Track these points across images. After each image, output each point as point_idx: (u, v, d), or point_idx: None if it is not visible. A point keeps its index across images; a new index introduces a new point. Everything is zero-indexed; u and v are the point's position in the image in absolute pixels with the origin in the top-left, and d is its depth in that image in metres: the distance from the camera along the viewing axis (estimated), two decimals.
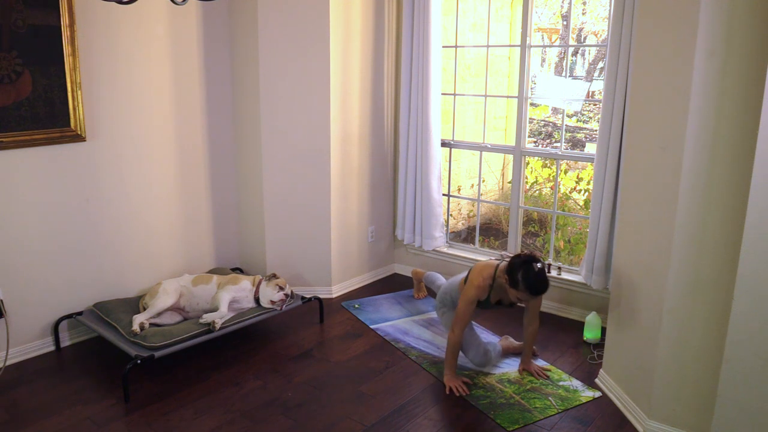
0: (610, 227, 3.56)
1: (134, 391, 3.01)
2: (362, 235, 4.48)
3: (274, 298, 3.50)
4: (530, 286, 2.83)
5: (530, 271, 2.82)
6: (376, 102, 4.36)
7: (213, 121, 4.04)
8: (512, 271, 2.87)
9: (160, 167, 3.79)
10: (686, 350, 2.54)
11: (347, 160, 4.22)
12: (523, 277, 2.82)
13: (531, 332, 3.23)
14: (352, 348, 3.54)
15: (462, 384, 3.08)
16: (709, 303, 2.44)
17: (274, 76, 3.94)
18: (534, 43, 5.36)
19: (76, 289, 3.48)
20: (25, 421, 2.79)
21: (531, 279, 2.82)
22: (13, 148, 3.12)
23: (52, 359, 3.35)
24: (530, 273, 2.82)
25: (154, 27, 3.61)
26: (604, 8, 6.76)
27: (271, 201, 4.12)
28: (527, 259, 2.87)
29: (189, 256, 4.04)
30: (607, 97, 3.45)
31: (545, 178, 6.02)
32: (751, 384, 2.27)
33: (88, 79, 3.35)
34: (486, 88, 4.55)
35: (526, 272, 2.82)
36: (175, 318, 3.40)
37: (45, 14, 3.11)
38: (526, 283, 2.82)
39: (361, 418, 2.84)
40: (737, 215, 2.26)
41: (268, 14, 3.85)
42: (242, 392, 3.05)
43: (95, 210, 3.50)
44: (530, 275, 2.82)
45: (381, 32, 4.28)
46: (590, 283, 3.73)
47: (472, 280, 3.10)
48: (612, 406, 2.96)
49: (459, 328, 3.08)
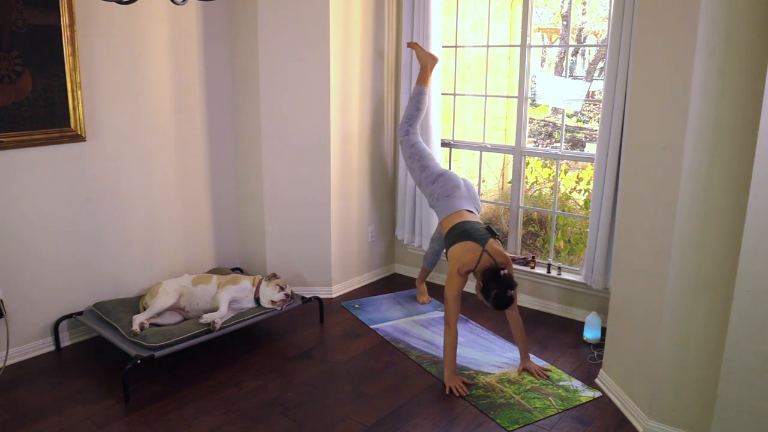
0: (610, 227, 3.56)
1: (134, 391, 3.01)
2: (362, 235, 4.48)
3: (274, 298, 3.50)
4: (496, 305, 3.05)
5: (502, 295, 3.00)
6: (376, 102, 4.36)
7: (213, 121, 4.04)
8: (487, 285, 3.03)
9: (160, 167, 3.79)
10: (686, 350, 2.54)
11: (347, 160, 4.21)
12: (494, 296, 3.01)
13: (515, 323, 3.24)
14: (352, 348, 3.54)
15: (462, 384, 3.08)
16: (709, 303, 2.44)
17: (274, 76, 3.94)
18: (534, 43, 5.36)
19: (76, 289, 3.48)
20: (25, 421, 2.79)
21: (498, 301, 3.02)
22: (13, 148, 3.12)
23: (52, 359, 3.35)
24: (501, 296, 3.01)
25: (154, 27, 3.61)
26: (604, 8, 6.76)
27: (271, 201, 4.12)
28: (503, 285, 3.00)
29: (189, 256, 4.04)
30: (607, 97, 3.45)
31: (545, 178, 6.02)
32: (751, 384, 2.27)
33: (88, 79, 3.35)
34: (486, 88, 4.55)
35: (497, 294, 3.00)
36: (175, 318, 3.40)
37: (45, 14, 3.11)
38: (494, 302, 3.03)
39: (361, 418, 2.84)
40: (737, 215, 2.26)
41: (268, 14, 3.85)
42: (242, 392, 3.05)
43: (95, 210, 3.50)
44: (499, 298, 3.01)
45: (381, 32, 4.28)
46: (590, 283, 3.73)
47: (454, 273, 3.13)
48: (612, 406, 2.95)
49: (453, 322, 3.11)
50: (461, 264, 3.14)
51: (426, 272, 4.20)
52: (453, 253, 3.22)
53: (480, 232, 3.25)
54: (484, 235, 3.22)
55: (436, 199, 3.60)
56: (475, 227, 3.29)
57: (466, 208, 3.48)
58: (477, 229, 3.27)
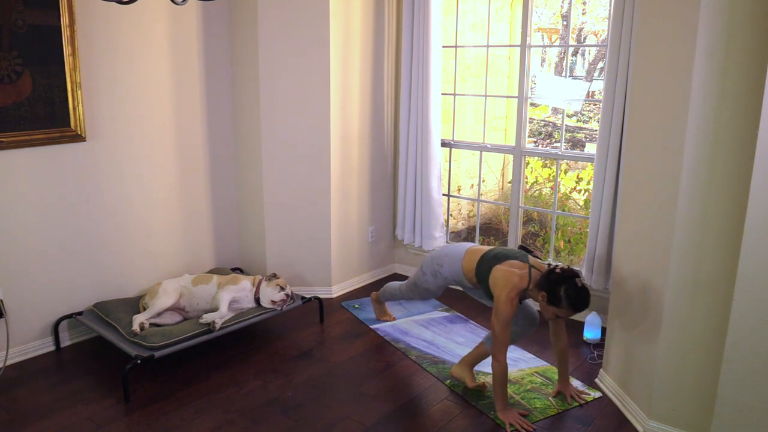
0: (610, 227, 3.56)
1: (134, 391, 3.01)
2: (362, 235, 4.48)
3: (275, 298, 3.50)
4: (574, 304, 2.63)
5: (573, 288, 2.63)
6: (376, 102, 4.36)
7: (213, 120, 4.04)
8: (552, 288, 2.65)
9: (160, 167, 3.79)
10: (686, 350, 2.54)
11: (347, 160, 4.21)
12: (566, 295, 2.62)
13: (563, 349, 2.98)
14: (352, 348, 3.54)
15: (520, 417, 2.79)
16: (709, 303, 2.44)
17: (275, 76, 3.94)
18: (534, 43, 5.36)
19: (76, 289, 3.48)
20: (25, 421, 2.79)
21: (574, 297, 2.62)
22: (13, 148, 3.12)
23: (52, 359, 3.35)
24: (573, 290, 2.63)
25: (154, 27, 3.61)
26: (604, 8, 6.76)
27: (271, 201, 4.12)
28: (568, 275, 2.66)
29: (189, 256, 4.04)
30: (607, 97, 3.45)
31: (545, 178, 6.02)
32: (751, 384, 2.26)
33: (88, 79, 3.35)
34: (486, 88, 4.55)
35: (568, 289, 2.63)
36: (175, 318, 3.40)
37: (45, 14, 3.11)
38: (570, 301, 2.63)
39: (361, 418, 2.84)
40: (737, 215, 2.26)
41: (268, 14, 3.85)
42: (242, 392, 3.05)
43: (95, 210, 3.50)
44: (573, 293, 2.63)
45: (381, 32, 4.28)
46: (590, 283, 3.73)
47: (504, 301, 2.75)
48: (612, 406, 2.95)
49: (502, 354, 2.76)
50: (511, 286, 2.75)
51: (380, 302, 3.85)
52: (497, 277, 2.81)
53: (516, 251, 2.95)
54: (521, 253, 2.92)
55: (439, 265, 3.14)
56: (507, 249, 3.00)
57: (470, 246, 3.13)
58: (510, 249, 2.98)
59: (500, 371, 2.77)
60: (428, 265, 3.21)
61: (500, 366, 2.77)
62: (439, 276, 3.14)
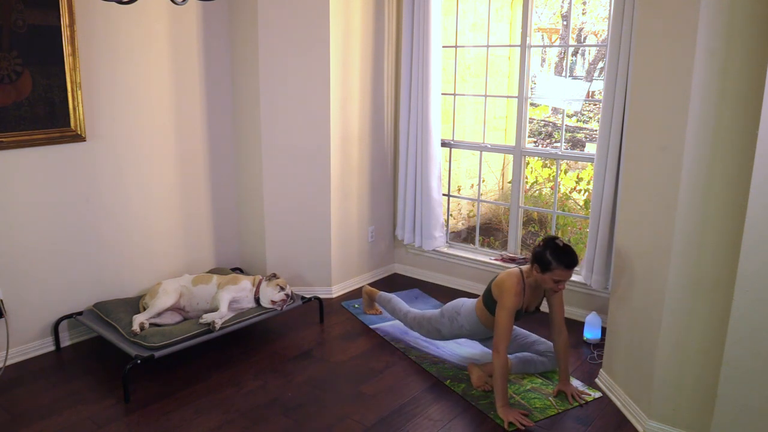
0: (610, 227, 3.56)
1: (134, 391, 3.01)
2: (362, 235, 4.48)
3: (275, 298, 3.50)
4: (563, 260, 2.81)
5: (555, 247, 2.83)
6: (376, 102, 4.36)
7: (213, 120, 4.04)
8: (540, 256, 2.86)
9: (160, 167, 3.79)
10: (686, 350, 2.54)
11: (347, 160, 4.21)
12: (552, 255, 2.82)
13: (563, 345, 3.04)
14: (352, 348, 3.54)
15: (521, 416, 2.81)
16: (709, 303, 2.44)
17: (274, 76, 3.94)
18: (534, 43, 5.36)
19: (76, 289, 3.48)
20: (25, 421, 2.79)
21: (560, 253, 2.82)
22: (13, 148, 3.12)
23: (52, 359, 3.35)
24: (557, 248, 2.83)
25: (154, 27, 3.61)
26: (604, 8, 6.76)
27: (271, 201, 4.12)
28: (547, 240, 2.88)
29: (189, 256, 4.04)
30: (607, 97, 3.45)
31: (545, 178, 6.03)
32: (751, 384, 2.27)
33: (88, 79, 3.35)
34: (486, 88, 4.55)
35: (553, 249, 2.83)
36: (175, 318, 3.40)
37: (45, 14, 3.11)
38: (558, 258, 2.81)
39: (361, 418, 2.84)
40: (737, 215, 2.26)
41: (268, 14, 3.85)
42: (242, 392, 3.05)
43: (95, 210, 3.50)
44: (557, 250, 2.82)
45: (381, 32, 4.28)
46: (590, 283, 3.73)
47: (507, 289, 2.92)
48: (612, 406, 2.95)
49: (504, 347, 2.85)
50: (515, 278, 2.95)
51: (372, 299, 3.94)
52: (500, 277, 3.03)
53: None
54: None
55: (457, 313, 3.28)
56: None
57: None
58: None
59: (500, 364, 2.83)
60: (448, 310, 3.33)
61: (500, 358, 2.83)
62: (455, 322, 3.26)
